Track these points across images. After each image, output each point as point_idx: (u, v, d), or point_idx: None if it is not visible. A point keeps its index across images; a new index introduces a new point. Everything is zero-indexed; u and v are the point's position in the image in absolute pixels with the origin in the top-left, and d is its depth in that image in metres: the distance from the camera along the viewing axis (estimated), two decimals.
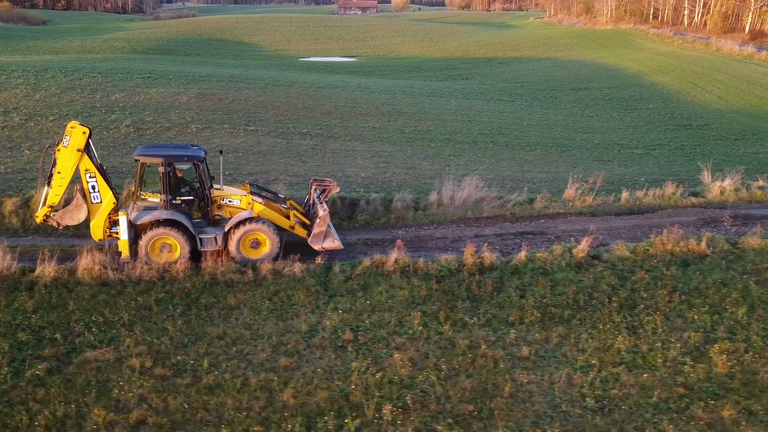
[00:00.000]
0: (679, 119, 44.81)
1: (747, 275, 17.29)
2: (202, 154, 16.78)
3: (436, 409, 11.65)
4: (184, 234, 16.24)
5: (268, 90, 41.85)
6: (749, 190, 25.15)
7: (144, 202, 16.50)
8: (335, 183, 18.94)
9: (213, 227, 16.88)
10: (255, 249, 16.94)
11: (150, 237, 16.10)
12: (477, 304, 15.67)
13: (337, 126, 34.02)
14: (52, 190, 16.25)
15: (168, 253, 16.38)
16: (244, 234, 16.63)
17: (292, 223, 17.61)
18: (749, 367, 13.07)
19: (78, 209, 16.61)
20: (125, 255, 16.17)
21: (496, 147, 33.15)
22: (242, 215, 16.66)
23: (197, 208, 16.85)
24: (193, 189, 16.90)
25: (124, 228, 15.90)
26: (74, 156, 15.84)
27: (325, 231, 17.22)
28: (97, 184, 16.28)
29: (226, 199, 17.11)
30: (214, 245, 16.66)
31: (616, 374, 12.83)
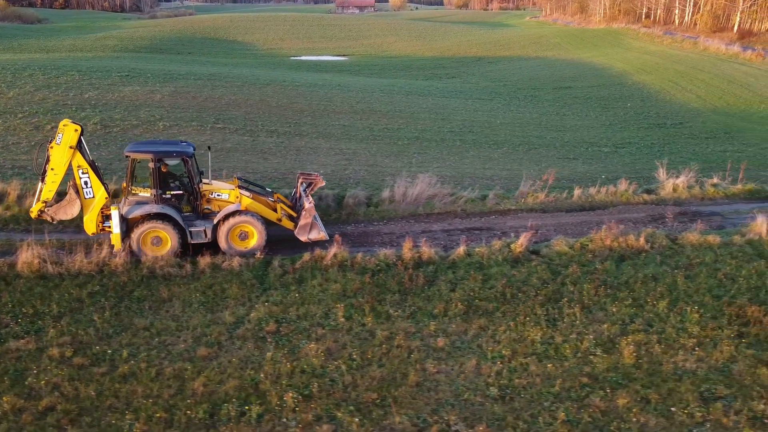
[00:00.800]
0: (654, 118, 45.08)
1: (678, 270, 17.58)
2: (191, 150, 17.33)
3: (341, 397, 11.96)
4: (174, 227, 16.80)
5: (244, 88, 42.19)
6: (702, 188, 25.39)
7: (135, 197, 17.09)
8: (321, 177, 19.53)
9: (202, 220, 17.46)
10: (243, 241, 17.52)
11: (141, 230, 16.67)
12: (406, 297, 15.98)
13: (306, 124, 34.36)
14: (46, 186, 16.77)
15: (159, 245, 16.92)
16: (233, 226, 17.21)
17: (279, 216, 18.20)
18: (656, 358, 13.38)
19: (71, 204, 17.14)
20: (118, 248, 16.68)
21: (463, 145, 33.45)
22: (230, 208, 17.25)
23: (187, 202, 17.46)
24: (182, 183, 17.42)
25: (116, 222, 16.43)
26: (67, 153, 16.39)
27: (311, 222, 17.88)
28: (90, 180, 16.81)
29: (214, 193, 17.67)
30: (204, 238, 17.26)
31: (526, 364, 13.14)
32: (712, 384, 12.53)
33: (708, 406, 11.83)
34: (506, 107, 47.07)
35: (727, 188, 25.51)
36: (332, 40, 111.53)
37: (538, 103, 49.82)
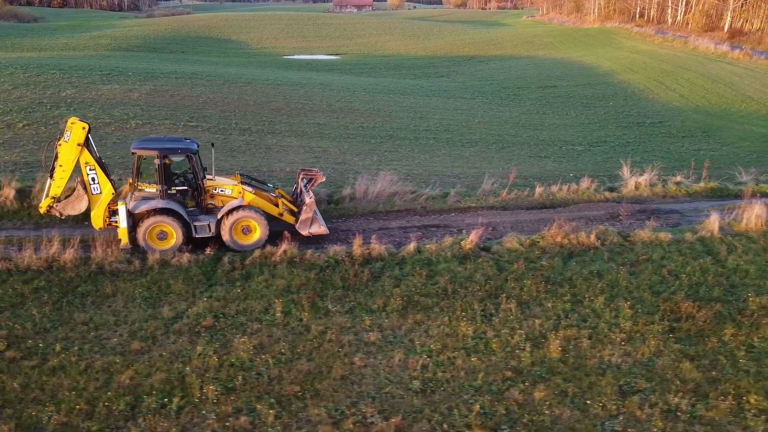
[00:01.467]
0: (635, 117, 45.20)
1: (624, 266, 17.74)
2: (195, 147, 17.73)
3: (264, 390, 12.15)
4: (179, 222, 17.20)
5: (224, 87, 42.39)
6: (665, 186, 25.53)
7: (141, 192, 17.49)
8: (321, 173, 20.01)
9: (206, 215, 17.90)
10: (246, 235, 17.93)
11: (147, 225, 17.04)
12: (348, 293, 16.16)
13: (282, 122, 34.55)
14: (55, 183, 17.27)
15: (165, 239, 17.35)
16: (236, 221, 17.62)
17: (281, 211, 18.65)
18: (583, 353, 13.55)
19: (79, 200, 17.64)
20: (124, 242, 17.10)
21: (436, 143, 33.62)
22: (234, 203, 17.68)
23: (191, 198, 17.84)
24: (186, 179, 17.81)
25: (123, 217, 16.83)
26: (75, 150, 16.86)
27: (312, 217, 18.40)
28: (97, 176, 17.29)
29: (218, 189, 18.09)
30: (208, 232, 17.71)
31: (453, 358, 13.32)
32: (633, 378, 12.70)
33: (625, 400, 12.00)
34: (487, 106, 47.22)
35: (689, 186, 25.63)
36: (326, 39, 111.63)
37: (521, 102, 49.96)
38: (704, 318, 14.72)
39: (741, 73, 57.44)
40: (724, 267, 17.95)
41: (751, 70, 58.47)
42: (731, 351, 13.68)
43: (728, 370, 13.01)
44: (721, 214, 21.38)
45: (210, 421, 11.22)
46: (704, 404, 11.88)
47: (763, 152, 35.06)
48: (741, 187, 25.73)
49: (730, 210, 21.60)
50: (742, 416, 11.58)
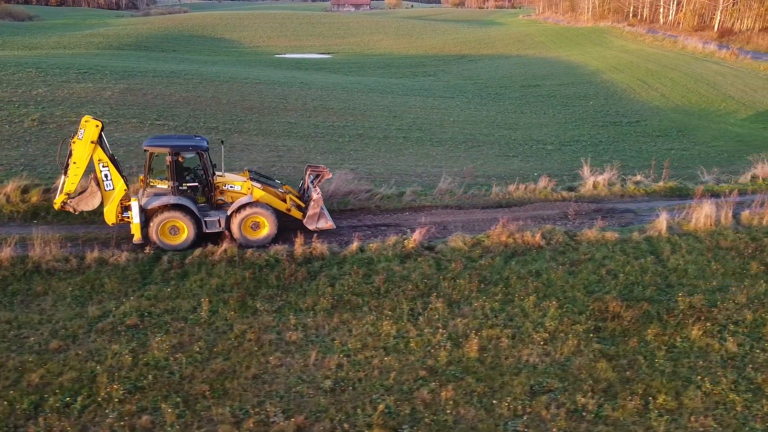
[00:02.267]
0: (613, 116, 45.11)
1: (563, 266, 17.67)
2: (205, 144, 18.17)
3: (173, 390, 12.13)
4: (190, 217, 17.61)
5: (200, 86, 42.34)
6: (623, 185, 25.46)
7: (153, 189, 17.83)
8: (328, 169, 20.37)
9: (216, 211, 18.31)
10: (255, 231, 18.37)
11: (160, 220, 17.46)
12: (281, 292, 16.13)
13: (251, 121, 34.50)
14: (68, 179, 17.66)
15: (176, 234, 17.73)
16: (246, 217, 18.04)
17: (289, 206, 19.08)
18: (502, 353, 13.52)
19: (92, 196, 17.99)
20: (137, 237, 17.52)
21: (405, 142, 33.57)
22: (243, 200, 18.09)
23: (201, 194, 18.25)
24: (196, 176, 18.23)
25: (136, 213, 17.27)
26: (88, 147, 17.35)
27: (319, 213, 18.84)
28: (110, 173, 17.70)
29: (227, 185, 18.46)
30: (218, 227, 18.13)
31: (370, 357, 13.28)
32: (546, 378, 12.66)
33: (533, 399, 11.96)
34: (466, 105, 47.15)
35: (648, 186, 25.57)
36: (319, 37, 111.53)
37: (501, 101, 49.88)
38: (630, 317, 14.66)
39: (725, 72, 57.30)
40: (665, 267, 17.89)
41: (735, 70, 58.34)
42: (651, 351, 13.63)
43: (644, 370, 12.96)
44: (672, 213, 21.30)
45: (110, 420, 11.17)
46: (612, 404, 11.83)
47: (735, 152, 34.97)
48: (713, 186, 25.64)
49: (681, 210, 21.47)
50: (648, 416, 11.53)
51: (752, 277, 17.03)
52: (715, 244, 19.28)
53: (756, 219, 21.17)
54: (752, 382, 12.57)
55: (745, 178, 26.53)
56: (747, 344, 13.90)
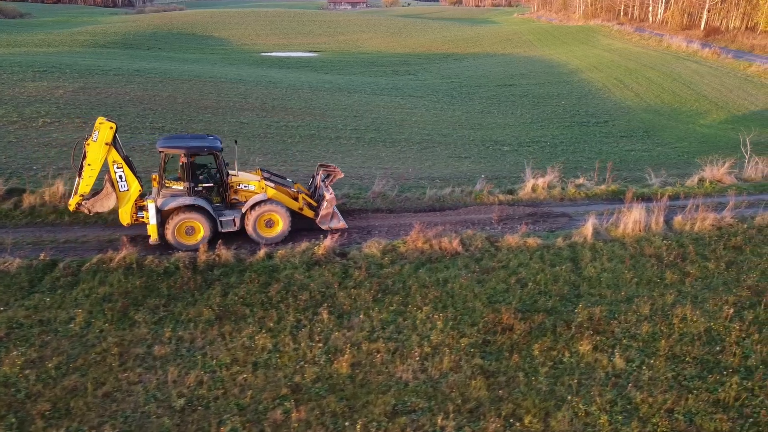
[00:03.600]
0: (582, 116, 44.36)
1: (474, 274, 16.96)
2: (219, 145, 18.14)
3: (12, 408, 11.46)
4: (206, 217, 17.71)
5: (160, 84, 41.69)
6: (564, 188, 24.72)
7: (169, 190, 17.87)
8: (339, 169, 20.37)
9: (231, 210, 18.43)
10: (269, 228, 18.48)
11: (176, 221, 17.50)
12: (170, 302, 15.45)
13: (201, 121, 33.85)
14: (83, 181, 17.62)
15: (192, 234, 17.79)
16: (260, 215, 18.16)
17: (301, 205, 19.19)
18: (377, 369, 12.84)
19: (107, 197, 17.97)
20: (154, 238, 17.47)
21: (357, 143, 32.87)
22: (257, 198, 18.19)
23: (216, 194, 18.33)
24: (211, 176, 18.27)
25: (152, 214, 17.25)
26: (103, 149, 17.29)
27: (332, 212, 18.96)
28: (124, 174, 17.70)
29: (241, 185, 18.55)
30: (233, 226, 18.17)
31: (235, 374, 12.60)
32: (414, 396, 11.97)
33: (391, 421, 11.25)
34: (434, 105, 46.42)
35: (590, 189, 24.81)
36: (309, 36, 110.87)
37: (471, 101, 49.14)
38: (522, 330, 13.96)
39: (704, 71, 56.49)
40: (580, 275, 17.18)
41: (715, 69, 57.52)
42: (535, 367, 12.93)
43: (521, 388, 12.27)
44: (602, 219, 20.58)
45: None
46: (473, 426, 11.15)
47: (696, 153, 34.17)
48: (645, 189, 24.91)
49: (611, 214, 20.74)
50: None
51: (665, 286, 16.31)
52: (639, 251, 18.56)
53: (688, 224, 20.44)
54: (630, 401, 11.86)
55: (692, 181, 25.73)
56: (637, 360, 13.18)
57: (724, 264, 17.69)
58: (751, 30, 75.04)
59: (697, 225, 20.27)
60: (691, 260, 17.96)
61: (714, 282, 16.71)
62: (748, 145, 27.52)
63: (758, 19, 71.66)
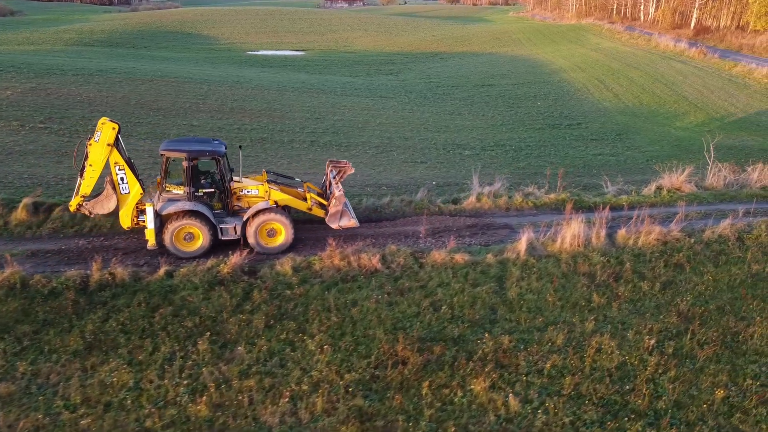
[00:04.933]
0: (555, 118, 42.89)
1: (388, 295, 15.56)
2: (223, 149, 17.54)
3: None
4: (206, 224, 17.07)
5: (117, 85, 40.30)
6: (510, 198, 23.29)
7: (169, 194, 17.29)
8: (350, 164, 19.55)
9: (232, 217, 17.74)
10: (272, 238, 17.76)
11: (175, 227, 16.90)
12: (43, 328, 14.05)
13: (148, 123, 32.49)
14: (84, 181, 17.23)
15: (191, 241, 17.20)
16: (261, 224, 17.45)
17: (310, 205, 18.47)
18: (242, 411, 11.41)
19: (108, 199, 17.53)
20: (152, 243, 16.93)
21: (311, 147, 31.48)
22: (259, 206, 17.45)
23: (218, 200, 17.64)
24: (213, 181, 17.65)
25: (150, 218, 16.71)
26: (104, 150, 16.91)
27: (342, 210, 18.12)
28: (126, 176, 17.26)
29: (244, 190, 17.91)
30: (234, 234, 17.52)
31: (79, 417, 11.19)
32: None
33: None
34: (404, 106, 44.96)
35: (539, 198, 23.35)
36: (299, 34, 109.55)
37: (444, 102, 47.66)
38: (416, 364, 12.52)
39: (688, 72, 54.99)
40: (502, 297, 15.76)
41: (700, 69, 56.02)
42: (420, 409, 11.50)
43: None
44: (541, 231, 19.16)
45: None
46: None
47: (666, 157, 32.66)
48: (597, 199, 23.47)
49: (551, 226, 19.30)
50: None
51: (590, 311, 14.88)
52: (572, 269, 17.13)
53: (632, 238, 19.00)
54: None
55: (650, 189, 24.29)
56: (536, 401, 11.75)
57: (660, 284, 16.24)
58: (741, 29, 73.45)
59: (641, 239, 18.83)
60: (625, 280, 16.52)
61: (645, 305, 15.27)
62: (712, 151, 26.03)
63: (748, 18, 70.00)
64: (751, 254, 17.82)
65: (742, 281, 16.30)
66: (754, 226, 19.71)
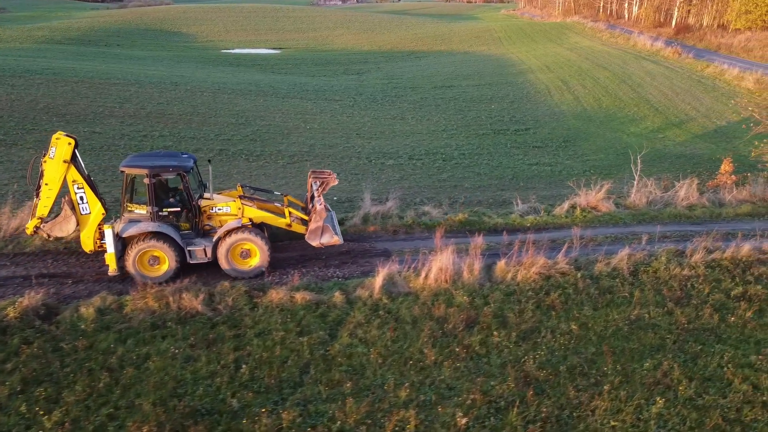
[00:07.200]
0: (505, 122, 40.31)
1: (193, 348, 12.99)
2: (190, 164, 16.12)
3: None
4: (172, 246, 15.67)
5: (33, 87, 37.82)
6: (403, 218, 20.72)
7: (131, 214, 15.96)
8: (335, 175, 17.91)
9: (202, 238, 16.32)
10: (245, 260, 16.35)
11: (137, 250, 15.55)
12: None
13: (43, 131, 30.02)
14: (41, 202, 16.03)
15: (156, 265, 15.82)
16: (233, 244, 16.05)
17: (289, 221, 16.97)
18: None
19: (66, 221, 16.33)
20: (113, 269, 15.57)
21: (218, 156, 29.01)
22: (230, 225, 16.08)
23: (185, 219, 16.25)
24: (181, 199, 16.30)
25: (110, 241, 15.36)
26: (61, 167, 15.71)
27: (322, 226, 16.43)
28: (86, 195, 16.10)
29: (215, 208, 16.51)
30: (204, 257, 16.13)
31: None
32: None
33: None
34: (345, 110, 42.38)
35: (434, 219, 20.77)
36: (280, 32, 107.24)
37: (393, 105, 45.06)
38: None
39: (658, 72, 52.32)
40: (325, 351, 13.29)
41: (670, 70, 53.36)
42: None
43: None
44: (415, 260, 16.57)
45: None
46: None
47: (606, 167, 30.23)
48: (499, 220, 20.89)
49: (426, 256, 16.72)
50: None
51: (418, 371, 12.31)
52: (426, 312, 14.51)
53: (511, 272, 16.34)
54: None
55: (562, 208, 21.68)
56: None
57: (518, 334, 13.66)
58: (722, 28, 70.62)
59: (521, 273, 16.16)
60: (481, 327, 13.93)
61: (488, 364, 12.69)
62: (639, 163, 23.40)
63: (729, 16, 67.15)
64: (639, 294, 15.20)
65: (615, 332, 13.66)
66: (657, 255, 17.05)
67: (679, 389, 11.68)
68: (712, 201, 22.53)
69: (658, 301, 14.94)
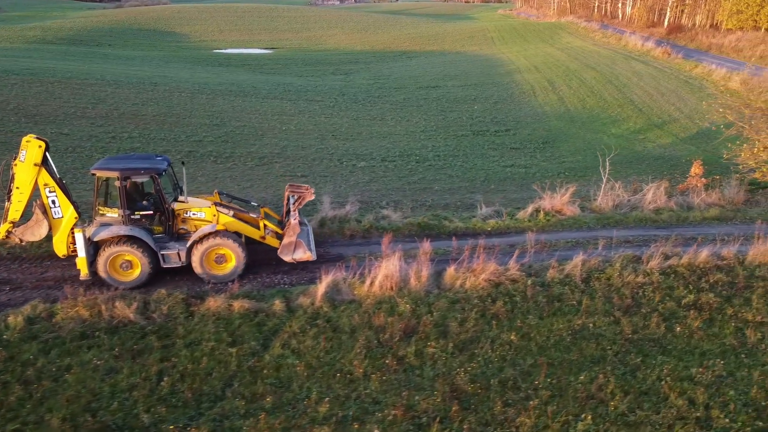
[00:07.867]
0: (486, 123, 39.82)
1: (122, 361, 12.51)
2: (163, 166, 15.94)
3: None
4: (144, 250, 15.44)
5: (7, 87, 37.42)
6: (361, 222, 20.25)
7: (102, 218, 15.76)
8: (312, 190, 17.47)
9: (176, 242, 16.08)
10: (220, 265, 16.09)
11: (108, 254, 15.30)
12: None
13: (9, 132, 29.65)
14: (12, 206, 15.86)
15: (129, 270, 15.58)
16: (208, 249, 15.80)
17: (263, 234, 16.78)
18: None
19: (38, 225, 16.18)
20: (84, 273, 15.35)
21: (187, 158, 28.48)
22: (205, 229, 15.85)
23: (158, 223, 16.03)
24: (154, 202, 16.08)
25: (81, 245, 15.15)
26: (32, 170, 15.52)
27: (295, 241, 16.33)
28: (57, 199, 15.89)
29: (189, 212, 16.29)
30: (178, 261, 15.91)
31: None
32: None
33: None
34: (325, 110, 41.88)
35: (393, 222, 20.29)
36: (274, 32, 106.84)
37: (374, 106, 44.57)
38: None
39: (645, 72, 51.82)
40: (256, 362, 12.69)
41: (658, 70, 52.85)
42: None
43: None
44: (358, 267, 16.11)
45: None
46: None
47: (585, 169, 29.78)
48: (459, 224, 20.40)
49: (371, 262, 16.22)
50: None
51: (345, 384, 11.86)
52: (366, 321, 14.03)
53: (461, 279, 15.86)
54: None
55: (525, 212, 21.20)
56: None
57: (456, 345, 13.18)
58: (714, 28, 70.05)
59: (470, 280, 15.68)
60: (419, 338, 13.44)
61: (420, 376, 12.21)
62: (608, 165, 22.91)
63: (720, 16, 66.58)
64: (588, 302, 14.70)
65: (556, 342, 13.17)
66: (612, 262, 16.56)
67: (611, 404, 11.18)
68: (680, 204, 22.04)
69: (607, 310, 14.44)
